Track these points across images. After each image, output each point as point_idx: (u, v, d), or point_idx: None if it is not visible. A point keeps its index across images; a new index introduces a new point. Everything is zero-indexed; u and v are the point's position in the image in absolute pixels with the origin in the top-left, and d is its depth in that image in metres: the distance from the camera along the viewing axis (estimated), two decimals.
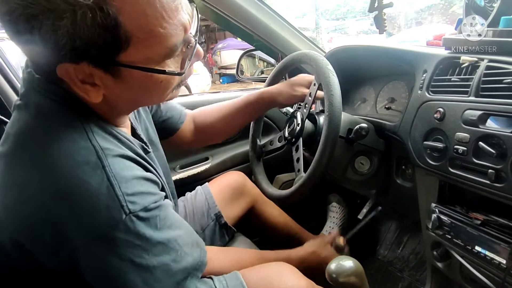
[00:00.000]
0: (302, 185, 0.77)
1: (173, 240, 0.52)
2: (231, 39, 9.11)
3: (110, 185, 0.45)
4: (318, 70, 0.80)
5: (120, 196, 0.45)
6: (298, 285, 0.65)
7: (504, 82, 0.62)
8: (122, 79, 0.47)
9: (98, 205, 0.44)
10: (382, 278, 1.21)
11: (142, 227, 0.47)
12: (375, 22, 0.90)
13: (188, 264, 0.54)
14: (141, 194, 0.49)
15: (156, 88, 0.51)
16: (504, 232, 0.64)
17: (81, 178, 0.44)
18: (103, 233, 0.45)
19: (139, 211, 0.47)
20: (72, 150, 0.46)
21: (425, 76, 0.80)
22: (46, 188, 0.45)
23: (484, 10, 0.75)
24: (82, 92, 0.47)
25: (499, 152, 0.61)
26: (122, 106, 0.55)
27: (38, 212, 0.46)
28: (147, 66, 0.46)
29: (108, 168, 0.46)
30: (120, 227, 0.45)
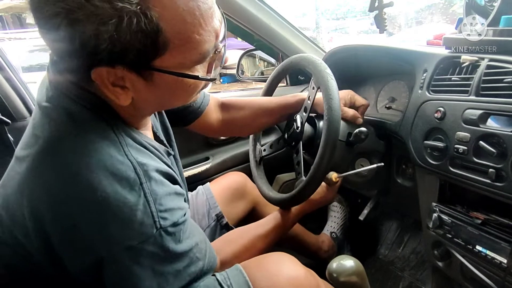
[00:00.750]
0: (302, 189, 0.78)
1: (190, 249, 0.53)
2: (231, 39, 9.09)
3: (147, 202, 0.46)
4: (317, 73, 0.80)
5: (155, 213, 0.47)
6: (297, 274, 0.65)
7: (505, 82, 0.62)
8: (154, 83, 0.48)
9: (134, 220, 0.45)
10: (383, 277, 1.21)
11: (168, 240, 0.49)
12: (375, 21, 0.90)
13: (197, 268, 0.55)
14: (171, 210, 0.50)
15: (185, 92, 0.52)
16: (505, 232, 0.65)
17: (120, 193, 0.45)
18: (132, 246, 0.46)
19: (169, 226, 0.49)
20: (110, 164, 0.46)
21: (425, 75, 0.80)
22: (82, 197, 0.45)
23: (485, 9, 0.75)
24: (112, 95, 0.47)
25: (499, 151, 0.61)
26: (148, 108, 0.57)
27: (71, 218, 0.46)
28: (180, 71, 0.47)
29: (146, 184, 0.47)
30: (150, 240, 0.46)
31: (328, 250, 1.23)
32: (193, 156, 1.35)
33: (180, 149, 1.30)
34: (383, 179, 1.02)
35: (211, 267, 0.59)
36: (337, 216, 1.34)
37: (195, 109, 0.89)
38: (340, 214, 1.35)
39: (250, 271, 0.62)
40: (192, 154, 1.35)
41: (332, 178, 0.86)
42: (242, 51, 1.68)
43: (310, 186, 0.77)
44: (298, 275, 0.65)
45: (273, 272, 0.63)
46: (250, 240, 0.78)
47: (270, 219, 0.83)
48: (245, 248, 0.76)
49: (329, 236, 1.28)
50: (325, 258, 1.21)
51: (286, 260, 0.67)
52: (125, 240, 0.45)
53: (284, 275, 0.63)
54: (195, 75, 0.49)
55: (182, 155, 1.33)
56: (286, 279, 0.63)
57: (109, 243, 0.46)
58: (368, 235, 1.37)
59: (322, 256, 1.21)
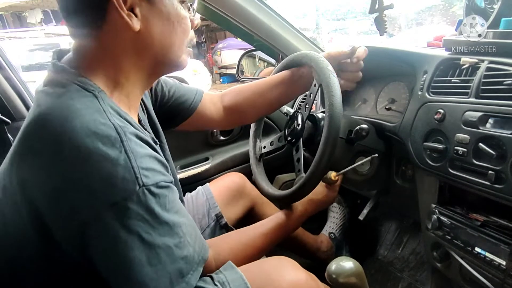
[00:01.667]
0: (302, 185, 0.77)
1: (178, 225, 0.53)
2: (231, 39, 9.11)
3: (128, 158, 0.48)
4: (319, 70, 0.80)
5: (136, 169, 0.48)
6: (297, 279, 0.65)
7: (504, 84, 0.63)
8: (156, 8, 0.56)
9: (115, 175, 0.46)
10: (382, 278, 1.21)
11: (152, 202, 0.49)
12: (375, 23, 0.91)
13: (189, 254, 0.54)
14: (153, 171, 0.51)
15: (178, 24, 0.60)
16: (504, 233, 0.65)
17: (101, 149, 0.47)
18: (116, 202, 0.46)
19: (151, 185, 0.49)
20: (93, 125, 0.48)
21: (425, 77, 0.81)
22: (65, 155, 0.47)
23: (485, 11, 0.75)
24: (127, 17, 0.53)
25: (499, 153, 0.61)
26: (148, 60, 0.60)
27: (55, 178, 0.48)
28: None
29: (126, 143, 0.49)
30: (133, 198, 0.47)
31: (327, 250, 1.23)
32: (193, 157, 1.35)
33: (180, 150, 1.31)
34: (382, 179, 1.02)
35: (203, 257, 0.58)
36: (336, 217, 1.34)
37: (187, 106, 0.89)
38: (339, 214, 1.35)
39: (250, 276, 0.62)
40: (191, 154, 1.35)
41: (331, 177, 0.86)
42: (242, 51, 1.68)
43: (310, 183, 0.77)
44: (299, 279, 0.65)
45: (274, 277, 0.63)
46: (249, 238, 0.75)
47: (272, 219, 0.81)
48: (242, 245, 0.73)
49: (327, 236, 1.28)
50: (324, 259, 1.21)
51: (287, 264, 0.67)
52: (108, 196, 0.46)
53: (285, 280, 0.63)
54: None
55: (182, 156, 1.34)
56: (288, 283, 0.62)
57: (92, 201, 0.46)
58: (368, 236, 1.37)
59: (321, 256, 1.21)
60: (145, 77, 0.62)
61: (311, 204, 0.85)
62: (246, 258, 0.69)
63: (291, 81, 0.92)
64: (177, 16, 0.59)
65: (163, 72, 0.67)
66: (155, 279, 0.50)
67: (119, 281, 0.50)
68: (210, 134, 1.35)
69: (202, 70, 6.65)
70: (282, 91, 0.93)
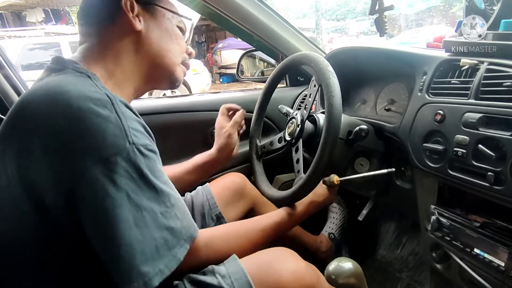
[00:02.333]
0: (301, 186, 0.77)
1: (166, 195, 0.55)
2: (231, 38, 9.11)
3: (118, 117, 0.51)
4: (319, 71, 0.80)
5: (126, 127, 0.51)
6: (298, 268, 0.65)
7: (504, 85, 0.62)
8: (156, 18, 0.68)
9: (106, 131, 0.49)
10: (381, 278, 1.21)
11: (141, 161, 0.51)
12: (376, 24, 0.91)
13: (176, 226, 0.55)
14: (142, 134, 0.54)
15: (174, 36, 0.71)
16: (503, 235, 0.65)
17: (93, 108, 0.50)
18: (106, 158, 0.48)
19: (141, 145, 0.52)
20: (86, 90, 0.52)
21: (425, 78, 0.81)
22: (58, 115, 0.49)
23: (484, 13, 0.75)
24: (132, 19, 0.63)
25: (498, 154, 0.61)
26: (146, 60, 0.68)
27: (49, 137, 0.49)
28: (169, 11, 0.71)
29: (117, 105, 0.52)
30: (123, 154, 0.49)
31: (326, 250, 1.23)
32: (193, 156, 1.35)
33: (180, 149, 1.31)
34: (382, 180, 1.02)
35: (191, 235, 0.58)
36: (336, 217, 1.34)
37: None
38: (339, 215, 1.35)
39: (251, 266, 0.63)
40: (191, 154, 1.34)
41: (333, 181, 0.85)
42: (242, 51, 1.68)
43: (309, 184, 0.77)
44: (300, 268, 0.66)
45: (275, 266, 0.64)
46: (246, 231, 0.74)
47: (272, 215, 0.81)
48: (237, 237, 0.71)
49: (327, 236, 1.28)
50: (323, 259, 1.21)
51: (287, 254, 0.68)
52: (99, 151, 0.48)
53: (286, 269, 0.64)
54: (177, 12, 0.72)
55: (182, 155, 1.33)
56: (289, 272, 0.63)
57: (83, 157, 0.48)
58: (367, 236, 1.37)
59: (320, 257, 1.21)
60: (141, 76, 0.68)
61: (311, 205, 0.85)
62: (241, 251, 0.68)
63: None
64: (173, 32, 0.71)
65: (158, 78, 0.72)
66: (141, 241, 0.50)
67: (107, 244, 0.50)
68: (210, 134, 1.35)
69: (202, 70, 6.64)
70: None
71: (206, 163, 0.99)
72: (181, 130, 1.30)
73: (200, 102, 1.40)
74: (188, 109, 1.31)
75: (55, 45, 5.51)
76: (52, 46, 5.50)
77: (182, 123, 1.30)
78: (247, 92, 1.55)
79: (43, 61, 5.23)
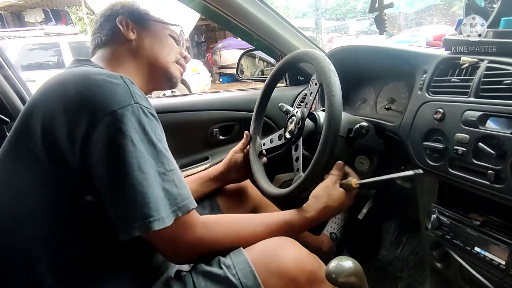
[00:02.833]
0: (301, 184, 0.77)
1: (165, 157, 0.60)
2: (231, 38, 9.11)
3: (127, 85, 0.60)
4: (320, 69, 0.80)
5: (133, 92, 0.60)
6: (300, 255, 0.67)
7: (504, 83, 0.62)
8: (148, 30, 0.83)
9: (115, 92, 0.59)
10: (382, 278, 1.21)
11: (144, 119, 0.59)
12: (375, 22, 0.90)
13: (172, 190, 0.59)
14: (147, 102, 0.62)
15: (166, 44, 0.85)
16: (504, 233, 0.65)
17: (106, 79, 0.60)
18: (114, 110, 0.56)
19: (145, 107, 0.60)
20: (102, 71, 0.65)
21: (425, 76, 0.80)
22: (78, 82, 0.61)
23: (485, 11, 0.75)
24: (125, 32, 0.80)
25: (498, 153, 0.61)
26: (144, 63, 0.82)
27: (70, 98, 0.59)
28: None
29: (126, 79, 0.62)
30: (128, 108, 0.57)
31: (328, 250, 1.23)
32: (193, 156, 1.35)
33: (180, 149, 1.31)
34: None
35: (186, 206, 0.60)
36: (338, 217, 1.34)
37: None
38: (341, 215, 1.35)
39: (254, 253, 0.65)
40: (191, 154, 1.35)
41: (351, 184, 0.80)
42: (242, 51, 1.68)
43: (308, 182, 0.76)
44: (302, 254, 0.68)
45: (278, 253, 0.66)
46: (251, 222, 0.73)
47: (280, 214, 0.78)
48: (238, 223, 0.72)
49: (328, 236, 1.28)
50: (325, 259, 1.20)
51: (289, 242, 0.69)
52: (109, 105, 0.57)
53: (288, 256, 0.65)
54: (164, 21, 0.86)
55: (182, 155, 1.33)
56: (290, 259, 0.65)
57: (95, 109, 0.56)
58: (367, 236, 1.37)
59: (322, 257, 1.20)
60: (143, 77, 0.83)
61: (325, 210, 0.79)
62: (240, 240, 0.68)
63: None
64: (164, 38, 0.85)
65: (157, 77, 0.85)
66: (145, 185, 0.56)
67: (113, 187, 0.56)
68: (210, 133, 1.35)
69: (201, 70, 6.64)
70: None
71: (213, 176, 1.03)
72: (181, 129, 1.30)
73: (199, 102, 1.40)
74: (188, 109, 1.32)
75: (54, 45, 5.51)
76: (52, 47, 5.50)
77: (182, 122, 1.30)
78: (246, 91, 1.55)
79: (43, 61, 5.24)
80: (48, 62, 5.33)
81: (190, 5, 1.18)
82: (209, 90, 6.69)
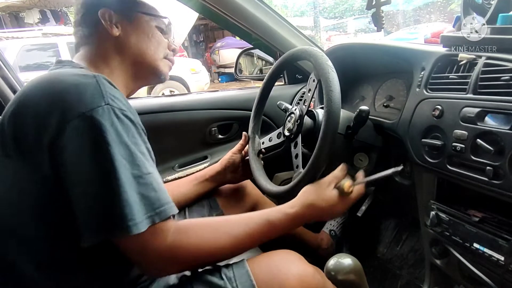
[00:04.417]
0: (300, 180, 0.77)
1: (140, 160, 0.56)
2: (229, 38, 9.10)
3: (98, 84, 0.57)
4: (318, 66, 0.80)
5: (104, 92, 0.56)
6: (305, 272, 0.65)
7: (502, 79, 0.62)
8: (134, 24, 0.75)
9: (84, 93, 0.55)
10: (381, 275, 1.21)
11: (115, 121, 0.55)
12: (372, 19, 0.90)
13: (149, 194, 0.55)
14: (122, 103, 0.58)
15: (152, 38, 0.77)
16: (502, 229, 0.65)
17: (78, 79, 0.58)
18: (83, 112, 0.53)
19: (117, 108, 0.56)
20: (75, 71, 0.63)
21: (423, 73, 0.81)
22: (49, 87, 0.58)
23: (482, 7, 0.75)
24: (109, 27, 0.72)
25: (497, 149, 0.61)
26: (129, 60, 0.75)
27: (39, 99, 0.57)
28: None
29: (98, 78, 0.58)
30: (98, 110, 0.54)
31: (327, 247, 1.23)
32: (191, 155, 1.35)
33: (178, 148, 1.31)
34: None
35: (165, 212, 0.56)
36: None
37: None
38: None
39: (257, 269, 0.63)
40: (190, 153, 1.35)
41: (344, 187, 0.73)
42: (241, 50, 1.67)
43: (308, 178, 0.76)
44: (306, 272, 0.65)
45: (281, 270, 0.64)
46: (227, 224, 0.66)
47: (261, 214, 0.70)
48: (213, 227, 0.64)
49: (328, 234, 1.28)
50: (324, 256, 1.21)
51: (294, 258, 0.67)
52: (76, 108, 0.53)
53: (292, 274, 0.63)
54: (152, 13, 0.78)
55: (181, 154, 1.33)
56: (295, 276, 0.63)
57: (64, 112, 0.54)
58: (367, 234, 1.37)
59: (321, 254, 1.21)
60: (128, 75, 0.77)
61: (311, 208, 0.72)
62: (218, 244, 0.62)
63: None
64: (151, 32, 0.77)
65: (144, 75, 0.79)
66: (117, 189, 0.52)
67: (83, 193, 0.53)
68: (208, 132, 1.35)
69: (200, 69, 6.63)
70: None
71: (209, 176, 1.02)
72: (180, 129, 1.30)
73: (198, 101, 1.40)
74: (187, 108, 1.31)
75: (53, 46, 5.48)
76: (50, 47, 5.48)
77: (181, 122, 1.30)
78: (245, 90, 1.55)
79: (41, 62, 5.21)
80: (46, 62, 5.30)
81: (188, 4, 1.18)
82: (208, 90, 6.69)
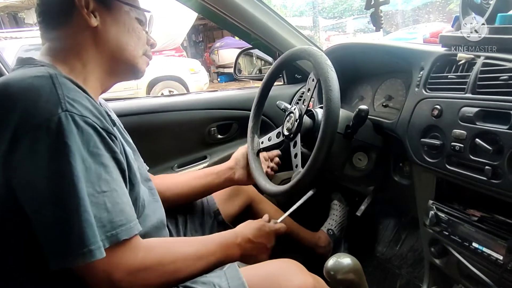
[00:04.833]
0: (299, 180, 0.77)
1: (96, 175, 0.52)
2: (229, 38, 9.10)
3: (54, 86, 0.52)
4: (317, 65, 0.80)
5: (61, 95, 0.51)
6: (305, 283, 0.64)
7: (500, 79, 0.62)
8: (113, 14, 0.66)
9: (38, 99, 0.50)
10: (380, 275, 1.22)
11: (73, 131, 0.50)
12: (371, 19, 0.90)
13: (100, 216, 0.51)
14: (84, 107, 0.53)
15: (132, 31, 0.69)
16: (501, 228, 0.65)
17: (30, 81, 0.52)
18: (39, 124, 0.49)
19: (76, 114, 0.51)
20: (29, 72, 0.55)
21: (422, 73, 0.81)
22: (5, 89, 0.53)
23: (481, 7, 0.75)
24: (87, 16, 0.62)
25: (495, 148, 0.61)
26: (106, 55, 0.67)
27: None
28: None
29: (55, 78, 0.53)
30: (54, 119, 0.49)
31: (325, 246, 1.23)
32: (191, 155, 1.35)
33: (178, 148, 1.31)
34: (380, 176, 1.02)
35: (117, 235, 0.53)
36: (336, 214, 1.34)
37: None
38: (340, 212, 1.35)
39: (256, 278, 0.61)
40: (189, 153, 1.35)
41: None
42: (240, 50, 1.67)
43: (307, 177, 0.76)
44: (307, 282, 0.64)
45: (281, 280, 0.62)
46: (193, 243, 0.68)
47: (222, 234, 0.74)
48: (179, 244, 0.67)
49: (325, 232, 1.28)
50: (322, 254, 1.21)
51: (294, 268, 0.66)
52: (30, 119, 0.49)
53: (293, 284, 0.62)
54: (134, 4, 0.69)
55: (180, 154, 1.33)
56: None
57: (17, 124, 0.49)
58: (366, 233, 1.37)
59: (319, 252, 1.22)
60: (104, 71, 0.68)
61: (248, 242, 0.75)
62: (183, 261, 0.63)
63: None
64: (131, 26, 0.69)
65: (121, 71, 0.72)
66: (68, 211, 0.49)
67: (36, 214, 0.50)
68: (207, 133, 1.35)
69: (199, 69, 6.62)
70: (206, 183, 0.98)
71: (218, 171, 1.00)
72: (179, 129, 1.30)
73: (197, 101, 1.40)
74: (186, 108, 1.32)
75: None
76: None
77: (180, 122, 1.30)
78: (244, 90, 1.55)
79: None
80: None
81: (187, 4, 1.18)
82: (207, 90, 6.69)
